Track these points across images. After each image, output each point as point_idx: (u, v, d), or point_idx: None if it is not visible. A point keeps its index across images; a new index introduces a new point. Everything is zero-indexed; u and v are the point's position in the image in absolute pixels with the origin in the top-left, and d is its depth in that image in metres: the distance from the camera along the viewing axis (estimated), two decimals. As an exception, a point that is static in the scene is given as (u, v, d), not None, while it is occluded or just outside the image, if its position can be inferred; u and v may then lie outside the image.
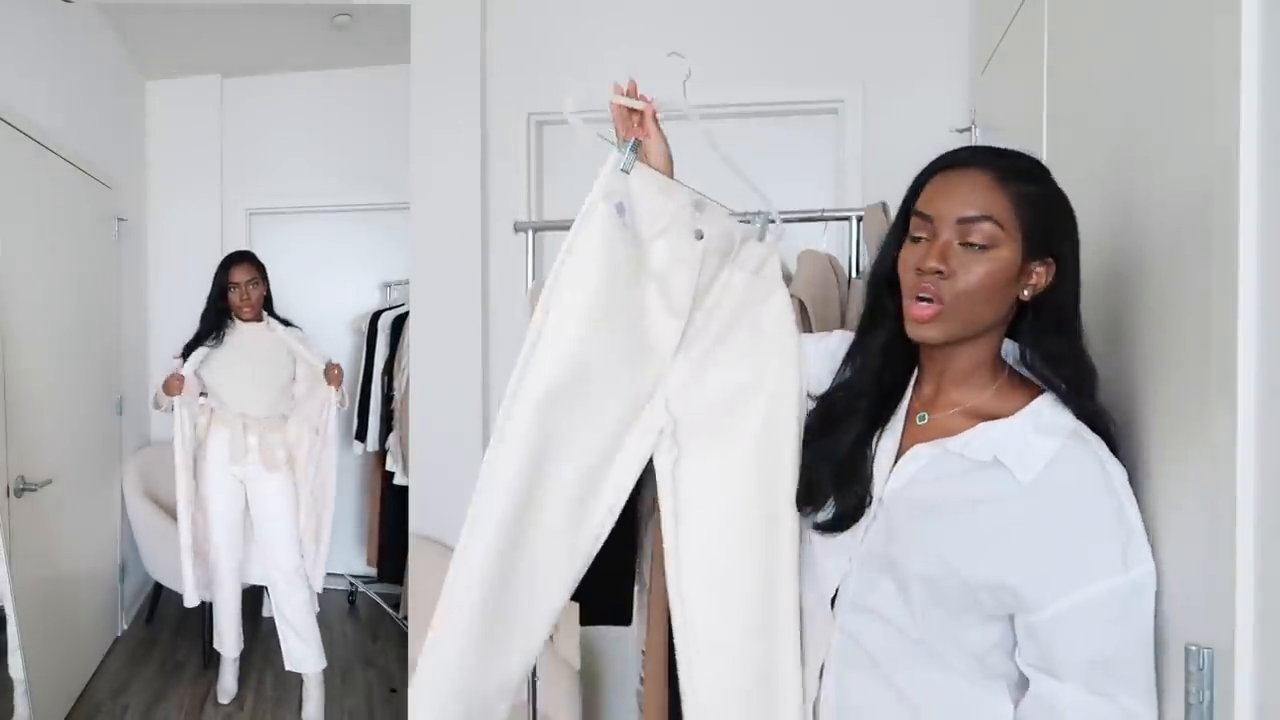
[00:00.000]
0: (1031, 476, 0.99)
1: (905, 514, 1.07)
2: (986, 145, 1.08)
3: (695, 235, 1.17)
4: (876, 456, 1.11)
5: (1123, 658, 0.98)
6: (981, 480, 1.02)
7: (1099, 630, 0.98)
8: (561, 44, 2.76)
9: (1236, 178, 0.87)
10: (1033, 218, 1.01)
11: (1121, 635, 0.98)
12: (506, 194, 2.77)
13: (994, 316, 1.04)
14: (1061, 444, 1.00)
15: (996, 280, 1.01)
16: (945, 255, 1.01)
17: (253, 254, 2.95)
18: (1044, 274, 1.04)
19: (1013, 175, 1.02)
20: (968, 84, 2.48)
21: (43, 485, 2.63)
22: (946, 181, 1.04)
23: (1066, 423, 1.02)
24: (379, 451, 3.54)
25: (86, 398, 3.18)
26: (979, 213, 1.00)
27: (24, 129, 2.67)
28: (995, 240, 1.00)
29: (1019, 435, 1.02)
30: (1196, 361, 0.96)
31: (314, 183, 3.76)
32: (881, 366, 1.13)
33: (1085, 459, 1.00)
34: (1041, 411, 1.04)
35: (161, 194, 3.80)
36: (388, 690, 3.12)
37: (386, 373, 3.48)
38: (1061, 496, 0.99)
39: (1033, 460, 1.00)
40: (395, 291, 3.69)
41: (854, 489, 1.10)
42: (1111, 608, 0.97)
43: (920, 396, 1.13)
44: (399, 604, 3.52)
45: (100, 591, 3.31)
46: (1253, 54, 0.87)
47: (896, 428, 1.12)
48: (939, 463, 1.07)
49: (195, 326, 2.91)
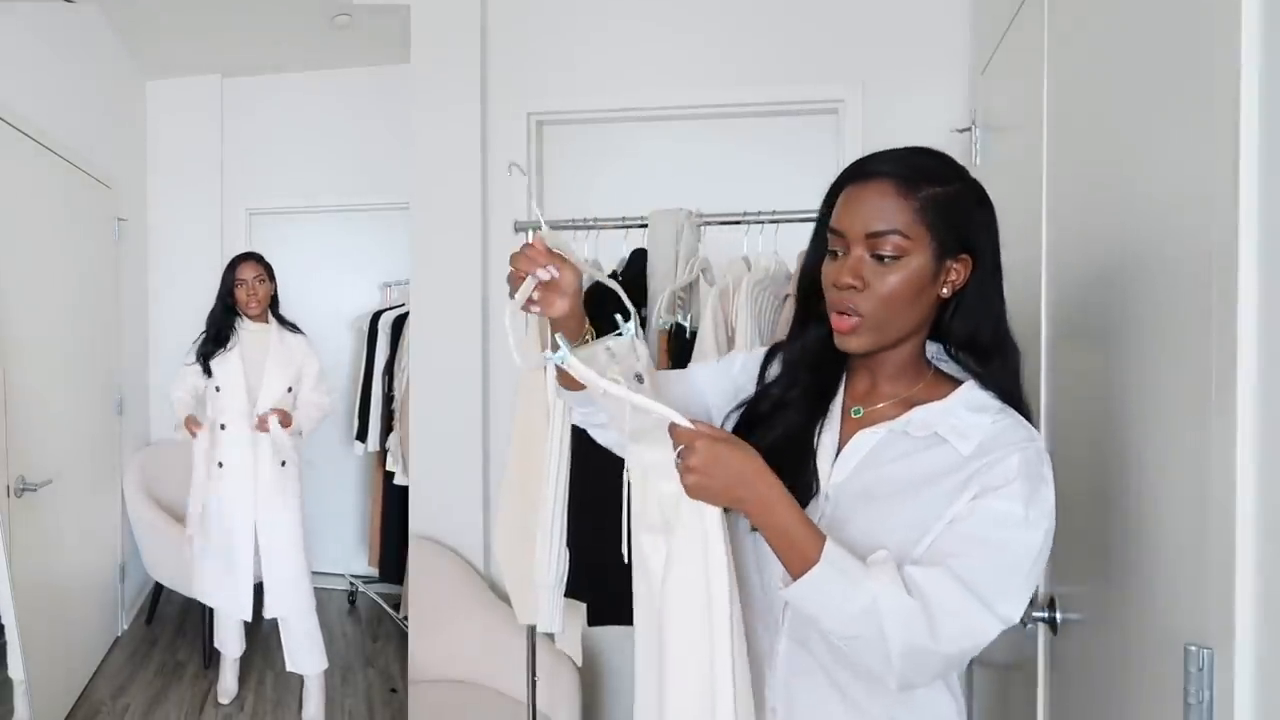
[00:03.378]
0: (971, 448, 1.03)
1: (853, 503, 1.08)
2: (891, 150, 1.07)
3: (638, 381, 1.09)
4: (818, 450, 1.12)
5: (1010, 568, 1.00)
6: (927, 458, 1.06)
7: (975, 537, 1.00)
8: (561, 44, 2.76)
9: (1237, 177, 0.87)
10: (941, 219, 1.03)
11: (1013, 550, 1.00)
12: (506, 194, 2.77)
13: (917, 320, 1.07)
14: (993, 418, 1.05)
15: (911, 288, 1.04)
16: (858, 271, 1.04)
17: (260, 254, 2.98)
18: (961, 270, 1.06)
19: (916, 180, 1.03)
20: (968, 84, 2.48)
21: (43, 485, 2.63)
22: (853, 196, 1.06)
23: (993, 401, 1.07)
24: (379, 451, 3.54)
25: (86, 398, 3.18)
26: (886, 226, 1.02)
27: (24, 129, 2.67)
28: (904, 250, 1.02)
29: (953, 413, 1.06)
30: (1197, 361, 0.96)
31: (314, 183, 3.76)
32: (814, 364, 1.15)
33: (1018, 429, 1.05)
34: (970, 394, 1.08)
35: (161, 194, 3.80)
36: (388, 690, 3.12)
37: (386, 373, 3.48)
38: (999, 463, 1.02)
39: (969, 434, 1.04)
40: (395, 291, 3.70)
41: (802, 476, 1.09)
42: (1009, 526, 0.99)
43: (853, 393, 1.16)
44: (399, 604, 3.52)
45: (100, 591, 3.31)
46: (1253, 53, 0.87)
47: (834, 424, 1.14)
48: (884, 445, 1.09)
49: (195, 326, 2.91)
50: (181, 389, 2.91)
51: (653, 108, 2.74)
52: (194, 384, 2.90)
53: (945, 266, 1.05)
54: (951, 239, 1.04)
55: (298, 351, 2.95)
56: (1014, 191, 1.73)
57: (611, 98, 2.72)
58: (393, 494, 3.37)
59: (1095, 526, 1.29)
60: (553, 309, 1.09)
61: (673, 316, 2.06)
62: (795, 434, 1.13)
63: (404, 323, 3.33)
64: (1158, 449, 1.09)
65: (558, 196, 2.86)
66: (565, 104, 2.78)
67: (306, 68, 3.74)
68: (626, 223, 2.14)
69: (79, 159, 3.07)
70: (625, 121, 2.80)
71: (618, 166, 2.83)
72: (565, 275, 1.08)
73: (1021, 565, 1.00)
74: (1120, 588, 1.21)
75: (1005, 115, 2.02)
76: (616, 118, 2.78)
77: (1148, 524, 1.12)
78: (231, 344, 2.86)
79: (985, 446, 1.03)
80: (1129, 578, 1.18)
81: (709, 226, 2.15)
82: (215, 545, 2.84)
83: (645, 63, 2.73)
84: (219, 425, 2.84)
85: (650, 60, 2.72)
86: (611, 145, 2.86)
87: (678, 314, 2.08)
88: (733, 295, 1.97)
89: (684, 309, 2.11)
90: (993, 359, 1.08)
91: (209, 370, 2.85)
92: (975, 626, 0.98)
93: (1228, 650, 0.89)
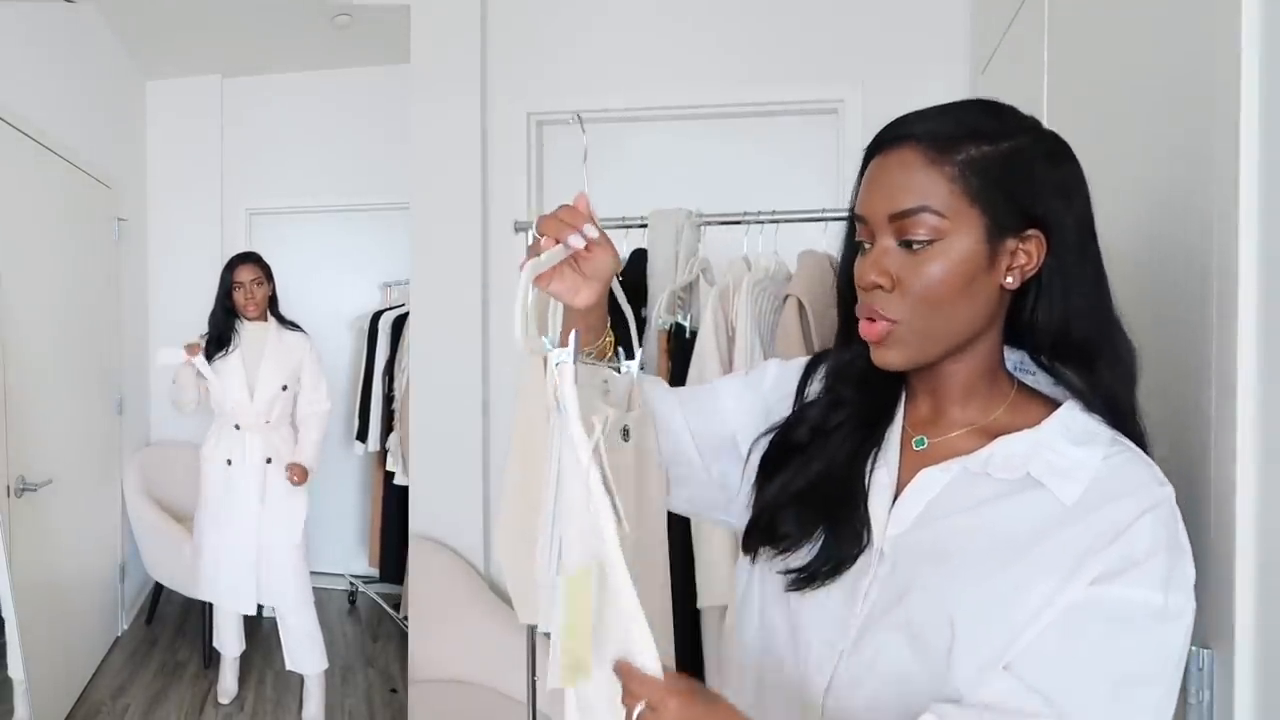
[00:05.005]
0: (1075, 496, 0.78)
1: (917, 564, 0.82)
2: (928, 108, 0.84)
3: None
4: (870, 491, 0.87)
5: (1142, 681, 0.75)
6: (1016, 507, 0.80)
7: (1119, 643, 0.75)
8: (561, 44, 2.76)
9: (1237, 177, 0.87)
10: (990, 185, 0.79)
11: (1143, 657, 0.75)
12: (506, 194, 2.77)
13: (973, 321, 0.82)
14: (1104, 453, 0.80)
15: (957, 280, 0.80)
16: (883, 266, 0.81)
17: (258, 255, 2.98)
18: (1031, 251, 0.81)
19: (952, 140, 0.80)
20: (968, 84, 2.48)
21: (43, 485, 2.63)
22: (876, 170, 0.84)
23: (1103, 430, 0.82)
24: (379, 451, 3.54)
25: (86, 398, 3.18)
26: (913, 203, 0.79)
27: (24, 129, 2.67)
28: (941, 231, 0.79)
29: (1050, 446, 0.81)
30: (1196, 361, 0.96)
31: (314, 183, 3.76)
32: (861, 380, 0.90)
33: (1136, 463, 0.80)
34: (1072, 418, 0.83)
35: (161, 194, 3.81)
36: (388, 690, 3.12)
37: (387, 373, 3.49)
38: (1114, 518, 0.77)
39: (1073, 474, 0.79)
40: (395, 291, 3.70)
41: (850, 521, 0.85)
42: (1141, 622, 0.75)
43: (914, 419, 0.90)
44: (399, 604, 3.52)
45: (100, 591, 3.31)
46: (1253, 53, 0.87)
47: (891, 458, 0.88)
48: (958, 487, 0.83)
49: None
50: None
51: (653, 108, 2.74)
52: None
53: (1004, 248, 0.80)
54: (1010, 211, 0.79)
55: (296, 350, 2.96)
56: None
57: (612, 97, 2.72)
58: (393, 494, 3.37)
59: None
60: (576, 296, 0.87)
61: (673, 316, 2.06)
62: (840, 469, 0.88)
63: (404, 323, 3.33)
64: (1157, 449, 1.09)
65: (558, 196, 2.86)
66: (565, 104, 2.78)
67: (306, 68, 3.75)
68: (626, 223, 2.14)
69: (79, 159, 3.07)
70: (625, 121, 2.79)
71: (618, 166, 2.83)
72: (600, 255, 0.86)
73: (1161, 675, 0.75)
74: (1120, 588, 1.20)
75: (1005, 115, 2.01)
76: (616, 117, 2.77)
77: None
78: (233, 345, 2.88)
79: (1096, 494, 0.78)
80: (1129, 578, 1.17)
81: (709, 226, 2.15)
82: (219, 540, 2.86)
83: (645, 63, 2.72)
84: (233, 425, 2.88)
85: (650, 60, 2.72)
86: (611, 145, 2.86)
87: (678, 314, 2.08)
88: (733, 295, 1.97)
89: (684, 309, 2.11)
90: (1096, 363, 0.82)
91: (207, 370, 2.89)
92: None
93: (1228, 650, 0.89)
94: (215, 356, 2.87)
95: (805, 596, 0.86)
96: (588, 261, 0.86)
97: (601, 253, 0.86)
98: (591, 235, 0.84)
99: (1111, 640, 0.75)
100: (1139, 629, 0.75)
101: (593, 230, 0.84)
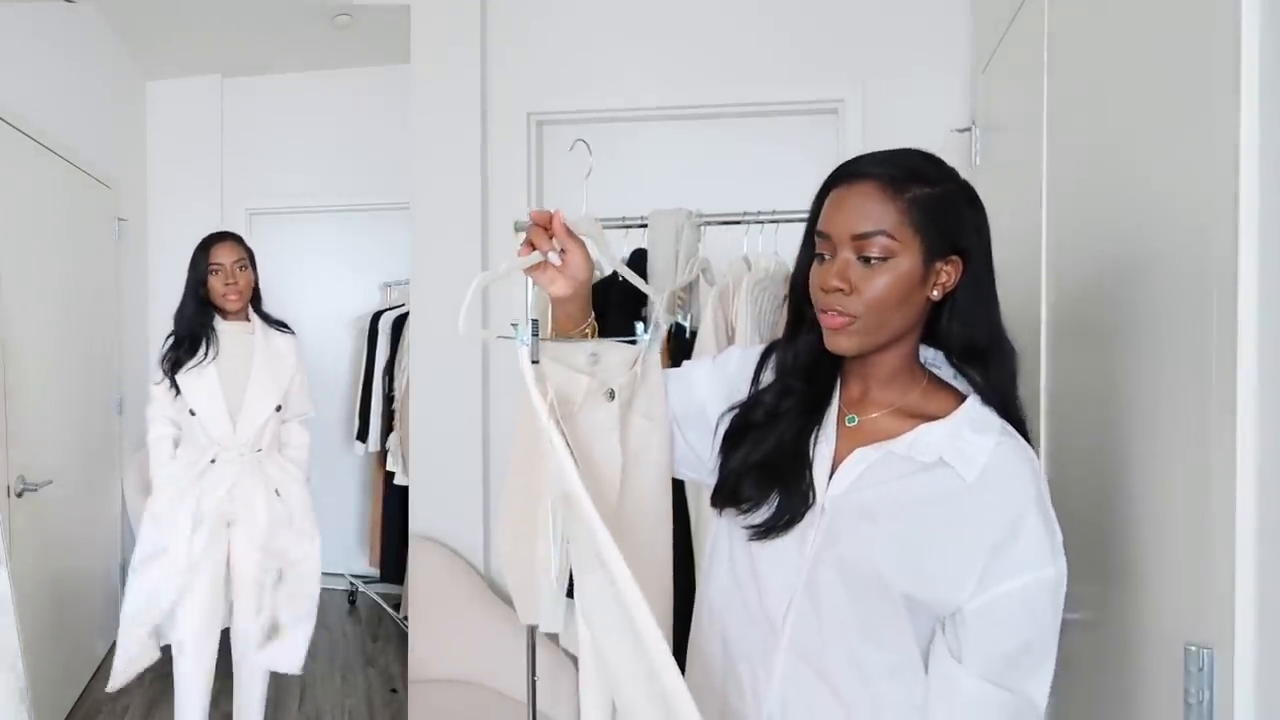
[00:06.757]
0: (975, 475, 1.02)
1: (851, 518, 1.06)
2: (878, 152, 1.07)
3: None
4: (814, 461, 1.10)
5: (1037, 645, 1.01)
6: (928, 481, 1.04)
7: (1021, 619, 1.00)
8: (561, 44, 2.76)
9: (1237, 177, 0.87)
10: (928, 220, 1.01)
11: (1040, 624, 1.01)
12: (506, 194, 2.77)
13: (906, 322, 1.06)
14: (996, 440, 1.03)
15: (900, 289, 1.02)
16: (845, 274, 1.03)
17: (239, 234, 2.48)
18: (951, 272, 1.04)
19: (902, 180, 1.02)
20: (968, 84, 2.48)
21: (43, 485, 2.63)
22: (839, 198, 1.05)
23: (995, 420, 1.05)
24: (379, 451, 3.54)
25: (86, 398, 3.18)
26: (872, 228, 1.01)
27: (24, 129, 2.67)
28: (891, 251, 1.01)
29: (958, 434, 1.04)
30: (1197, 361, 0.96)
31: (314, 183, 3.76)
32: (808, 372, 1.13)
33: (1019, 455, 1.04)
34: (973, 411, 1.06)
35: (161, 194, 3.80)
36: (388, 690, 3.12)
37: (387, 373, 3.48)
38: (1002, 492, 1.02)
39: (974, 458, 1.03)
40: (395, 291, 3.70)
41: (799, 485, 1.08)
42: (1038, 598, 1.00)
43: (847, 399, 1.14)
44: (399, 604, 3.52)
45: (100, 591, 3.31)
46: (1253, 53, 0.87)
47: (830, 434, 1.12)
48: (884, 464, 1.07)
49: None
50: (159, 424, 2.37)
51: (653, 107, 2.74)
52: (173, 412, 2.36)
53: (934, 268, 1.03)
54: (940, 240, 1.02)
55: (288, 356, 2.47)
56: (1014, 191, 1.73)
57: (611, 98, 2.73)
58: (393, 494, 3.37)
59: (1095, 527, 1.29)
60: (552, 286, 1.09)
61: (673, 316, 2.07)
62: (790, 445, 1.11)
63: (404, 323, 3.33)
64: (1158, 449, 1.09)
65: (558, 196, 2.86)
66: (565, 104, 2.78)
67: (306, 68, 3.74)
68: (626, 223, 2.14)
69: (79, 159, 3.07)
70: (625, 121, 2.80)
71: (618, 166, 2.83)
72: (572, 259, 1.08)
73: (1056, 625, 1.02)
74: (1120, 588, 1.21)
75: (1005, 115, 2.02)
76: (616, 118, 2.78)
77: (1148, 524, 1.12)
78: (208, 353, 2.32)
79: (990, 475, 1.02)
80: (1129, 578, 1.18)
81: (709, 226, 2.15)
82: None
83: (645, 63, 2.73)
84: (208, 459, 2.32)
85: (650, 60, 2.72)
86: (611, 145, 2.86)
87: (678, 314, 2.08)
88: (733, 295, 1.97)
89: (684, 309, 2.11)
90: (989, 362, 1.07)
91: (177, 386, 2.30)
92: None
93: (1228, 650, 0.89)
94: (185, 366, 2.29)
95: (765, 545, 1.09)
96: (565, 264, 1.09)
97: (573, 258, 1.08)
98: (554, 262, 1.08)
99: (1023, 615, 1.00)
100: (1040, 600, 1.00)
101: (555, 258, 1.07)
